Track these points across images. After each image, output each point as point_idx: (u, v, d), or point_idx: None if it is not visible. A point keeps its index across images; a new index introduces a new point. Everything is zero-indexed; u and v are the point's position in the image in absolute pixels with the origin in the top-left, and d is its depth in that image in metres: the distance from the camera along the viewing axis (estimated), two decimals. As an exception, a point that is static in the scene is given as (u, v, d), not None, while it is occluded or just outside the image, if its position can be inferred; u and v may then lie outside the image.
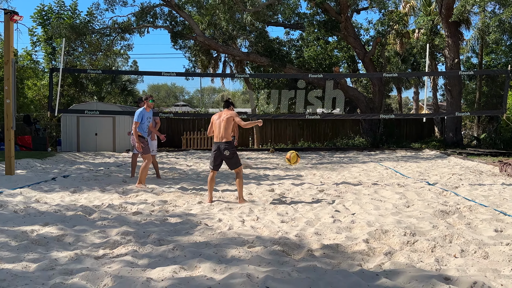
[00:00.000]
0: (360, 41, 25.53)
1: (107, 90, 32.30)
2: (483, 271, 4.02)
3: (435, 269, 4.13)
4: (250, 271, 3.96)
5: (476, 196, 8.10)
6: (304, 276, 3.89)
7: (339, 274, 3.92)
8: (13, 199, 7.61)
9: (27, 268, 4.09)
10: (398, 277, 3.84)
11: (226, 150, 7.55)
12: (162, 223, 6.15)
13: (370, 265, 4.34)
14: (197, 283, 3.71)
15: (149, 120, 9.66)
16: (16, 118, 10.95)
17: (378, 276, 3.86)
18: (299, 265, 4.26)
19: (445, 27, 22.59)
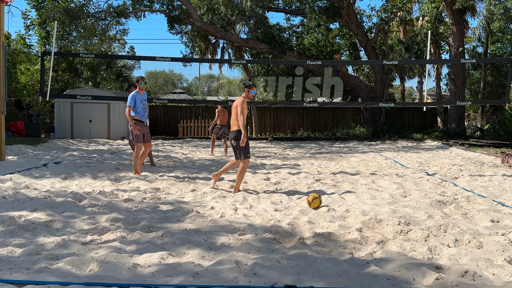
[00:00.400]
0: (362, 28, 25.43)
1: (102, 76, 32.20)
2: (476, 260, 4.05)
3: (427, 258, 4.17)
4: (239, 258, 4.00)
5: (475, 187, 8.12)
6: (294, 264, 3.92)
7: (329, 262, 3.96)
8: (2, 185, 7.63)
9: (13, 253, 4.12)
10: (388, 265, 3.88)
11: (233, 140, 7.53)
12: (153, 211, 6.18)
13: (361, 253, 4.37)
14: (184, 269, 3.75)
15: (144, 103, 9.44)
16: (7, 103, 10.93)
17: (368, 264, 3.90)
18: (289, 252, 4.30)
19: (450, 14, 22.49)
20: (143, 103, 9.40)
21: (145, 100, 9.45)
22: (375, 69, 25.57)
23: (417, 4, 27.46)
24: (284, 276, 3.60)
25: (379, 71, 25.18)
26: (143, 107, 9.40)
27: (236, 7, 24.35)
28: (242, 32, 27.30)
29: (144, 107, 9.42)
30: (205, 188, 7.95)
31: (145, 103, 9.50)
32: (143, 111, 9.39)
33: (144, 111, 9.42)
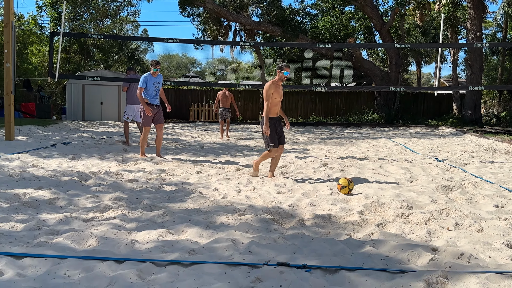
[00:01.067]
0: (377, 11, 25.16)
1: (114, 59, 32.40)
2: (474, 243, 4.08)
3: (424, 240, 4.21)
4: (236, 236, 4.08)
5: (484, 173, 8.09)
6: (290, 243, 3.99)
7: (326, 242, 4.02)
8: (10, 164, 7.79)
9: (14, 228, 4.25)
10: (384, 246, 3.93)
11: (260, 127, 7.38)
12: (157, 191, 6.28)
13: (359, 235, 4.42)
14: (181, 246, 3.84)
15: (156, 86, 9.26)
16: (16, 83, 11.08)
17: (364, 245, 3.96)
18: (287, 233, 4.37)
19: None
20: (155, 86, 9.27)
21: (158, 83, 9.32)
22: (389, 54, 25.34)
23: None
24: (279, 255, 3.67)
25: (394, 55, 24.94)
26: (155, 90, 9.27)
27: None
28: (255, 14, 27.16)
29: (156, 90, 9.30)
30: (210, 170, 8.03)
31: (158, 86, 9.37)
32: (153, 93, 9.26)
33: (155, 94, 9.29)
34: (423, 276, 3.23)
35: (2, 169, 7.23)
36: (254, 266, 3.41)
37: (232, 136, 15.84)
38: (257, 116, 26.81)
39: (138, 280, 3.18)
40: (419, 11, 26.12)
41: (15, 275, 3.15)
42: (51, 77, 11.07)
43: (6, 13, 10.69)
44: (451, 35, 25.46)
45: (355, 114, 26.04)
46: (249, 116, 26.41)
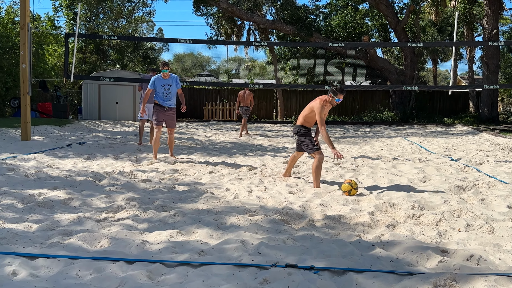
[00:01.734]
0: (392, 9, 24.98)
1: (129, 58, 32.66)
2: (484, 245, 4.06)
3: (435, 242, 4.20)
4: (245, 237, 4.11)
5: (498, 173, 8.01)
6: (299, 244, 4.01)
7: (335, 244, 4.03)
8: (26, 164, 7.93)
9: (29, 228, 4.34)
10: (393, 247, 3.93)
11: (296, 134, 7.08)
12: (169, 191, 6.34)
13: (369, 236, 4.43)
14: (191, 246, 3.89)
15: (167, 88, 9.07)
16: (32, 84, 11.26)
17: (374, 247, 3.96)
18: (296, 234, 4.39)
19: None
20: (165, 88, 9.10)
21: (169, 85, 9.09)
22: (405, 52, 25.15)
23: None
24: (287, 256, 3.70)
25: (409, 53, 24.75)
26: (164, 92, 9.10)
27: (263, -12, 24.24)
28: (268, 13, 27.14)
29: (166, 92, 9.09)
30: (223, 170, 8.08)
31: (169, 88, 9.11)
32: (163, 95, 9.11)
33: (165, 96, 9.12)
34: (431, 279, 3.23)
35: (18, 169, 7.36)
36: (262, 268, 3.44)
37: (244, 135, 15.89)
38: (271, 115, 26.80)
39: (148, 281, 3.23)
40: (434, 8, 25.87)
41: (28, 276, 3.22)
42: (66, 78, 11.22)
43: (23, 15, 10.86)
44: (467, 33, 25.20)
45: (369, 113, 25.89)
46: (263, 115, 26.44)
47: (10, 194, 5.59)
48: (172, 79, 9.17)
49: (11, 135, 12.31)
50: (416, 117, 24.73)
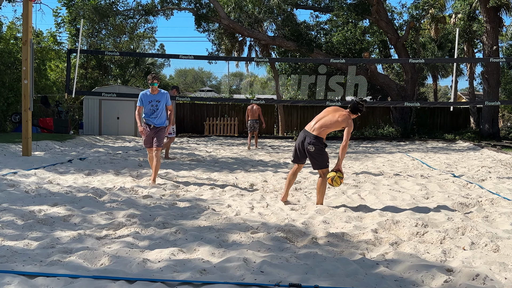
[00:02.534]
0: (392, 25, 25.13)
1: (131, 74, 32.78)
2: (490, 264, 4.00)
3: (439, 260, 4.14)
4: (248, 255, 4.05)
5: (501, 190, 7.96)
6: (302, 263, 3.95)
7: (339, 262, 3.97)
8: (26, 180, 7.89)
9: (29, 246, 4.28)
10: (398, 266, 3.87)
11: (311, 145, 6.34)
12: (170, 207, 6.29)
13: (373, 254, 4.36)
14: (193, 265, 3.83)
15: (154, 105, 8.19)
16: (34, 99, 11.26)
17: (378, 265, 3.90)
18: (299, 252, 4.33)
19: (484, 12, 22.01)
20: (152, 104, 8.22)
21: (156, 101, 8.20)
22: (405, 68, 25.23)
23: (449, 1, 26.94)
24: (291, 275, 3.63)
25: (409, 69, 24.83)
26: (151, 109, 8.23)
27: (264, 5, 24.41)
28: (269, 30, 27.30)
29: (154, 108, 8.21)
30: (224, 186, 8.03)
31: (158, 105, 8.23)
32: (150, 112, 8.23)
33: (151, 113, 8.23)
34: (438, 299, 3.17)
35: (18, 185, 7.32)
36: (265, 287, 3.38)
37: (244, 150, 15.88)
38: (272, 130, 26.79)
39: (149, 300, 3.17)
40: (434, 25, 26.04)
41: (27, 295, 3.16)
42: (68, 94, 11.23)
43: (25, 31, 10.90)
44: (467, 49, 25.30)
45: (370, 128, 25.90)
46: (264, 130, 26.45)
47: (10, 211, 5.54)
48: (161, 95, 8.30)
49: (12, 151, 12.29)
50: (417, 133, 24.73)
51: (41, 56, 23.29)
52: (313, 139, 6.36)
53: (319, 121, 6.46)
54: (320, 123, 6.44)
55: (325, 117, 6.47)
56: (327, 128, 6.42)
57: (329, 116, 6.49)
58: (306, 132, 6.49)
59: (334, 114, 6.49)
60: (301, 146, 6.49)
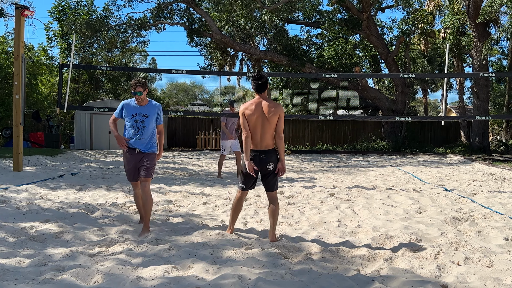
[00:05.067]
0: (383, 40, 25.39)
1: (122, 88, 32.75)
2: (484, 279, 4.00)
3: (434, 276, 4.13)
4: (242, 272, 4.02)
5: (493, 204, 8.00)
6: (297, 279, 3.93)
7: (333, 278, 3.96)
8: (18, 195, 7.81)
9: (20, 263, 4.22)
10: (393, 282, 3.86)
11: (271, 163, 5.23)
12: (163, 223, 6.25)
13: (368, 270, 4.35)
14: (187, 282, 3.79)
15: (140, 121, 5.77)
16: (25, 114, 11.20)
17: (373, 281, 3.89)
18: (294, 268, 4.31)
19: (473, 27, 22.29)
20: (137, 120, 5.80)
21: (143, 116, 5.81)
22: (396, 82, 25.45)
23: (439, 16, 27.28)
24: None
25: (400, 84, 25.04)
26: (136, 126, 5.80)
27: (255, 19, 24.58)
28: (261, 44, 27.51)
29: (139, 125, 5.79)
30: (217, 201, 8.00)
31: (143, 120, 5.81)
32: (133, 131, 5.82)
33: (136, 132, 5.80)
34: (434, 315, 3.16)
35: (9, 201, 7.25)
36: (261, 305, 3.36)
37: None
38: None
39: (143, 319, 3.13)
40: (424, 39, 26.35)
41: (20, 315, 3.11)
42: (60, 108, 11.17)
43: (17, 46, 10.88)
44: (457, 63, 25.57)
45: (362, 142, 26.01)
46: (256, 144, 26.46)
47: (1, 228, 5.48)
48: (151, 108, 5.88)
49: (3, 166, 12.18)
50: (408, 147, 24.85)
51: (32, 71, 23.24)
52: (275, 155, 5.29)
53: (262, 131, 5.17)
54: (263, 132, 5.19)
55: (263, 122, 5.15)
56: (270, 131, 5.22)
57: (263, 119, 5.17)
58: (258, 151, 5.22)
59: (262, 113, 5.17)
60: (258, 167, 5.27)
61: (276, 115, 5.09)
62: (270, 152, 5.18)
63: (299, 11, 26.67)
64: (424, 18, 24.47)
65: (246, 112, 5.15)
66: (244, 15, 23.69)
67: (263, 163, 5.16)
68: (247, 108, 5.17)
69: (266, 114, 5.09)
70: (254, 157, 5.18)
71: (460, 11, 24.61)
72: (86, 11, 28.33)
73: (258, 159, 5.17)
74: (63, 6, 28.51)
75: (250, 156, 5.20)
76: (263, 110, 5.11)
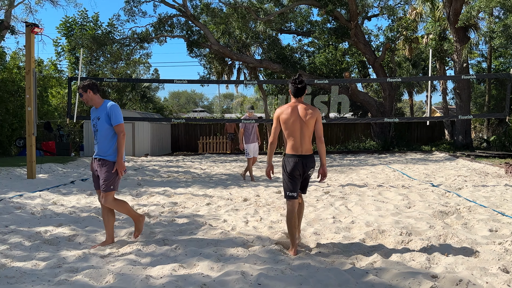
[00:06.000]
0: (370, 47, 25.41)
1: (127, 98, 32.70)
2: (471, 269, 4.00)
3: (424, 267, 4.13)
4: (245, 269, 4.02)
5: (477, 197, 8.01)
6: (297, 274, 3.93)
7: (331, 272, 3.95)
8: (32, 202, 7.79)
9: (36, 266, 4.21)
10: (386, 274, 3.86)
11: (312, 169, 4.90)
12: (169, 224, 6.24)
13: (362, 263, 4.35)
14: (193, 280, 3.78)
15: (95, 124, 5.15)
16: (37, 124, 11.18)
17: (368, 274, 3.89)
18: (293, 263, 4.30)
19: (453, 32, 22.35)
20: (94, 122, 5.17)
21: (97, 119, 5.13)
22: (383, 86, 25.47)
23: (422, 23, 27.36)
24: (286, 286, 3.61)
25: (387, 87, 25.07)
26: (93, 130, 5.20)
27: (251, 30, 24.59)
28: (256, 53, 27.51)
29: (94, 129, 5.17)
30: (219, 202, 7.99)
31: (95, 124, 5.14)
32: (96, 135, 5.15)
33: (95, 135, 5.19)
34: (425, 305, 3.16)
35: (25, 207, 7.23)
36: (263, 299, 3.35)
37: (237, 166, 15.82)
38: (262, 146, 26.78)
39: (153, 316, 3.12)
40: (408, 45, 26.41)
41: (37, 315, 3.10)
42: (70, 119, 11.16)
43: (28, 62, 10.86)
44: (440, 67, 25.65)
45: (353, 142, 26.03)
46: (254, 147, 26.47)
47: (18, 232, 5.47)
48: (102, 109, 5.14)
49: (17, 174, 12.15)
50: (396, 145, 24.86)
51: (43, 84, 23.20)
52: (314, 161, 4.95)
53: (302, 135, 4.84)
54: (308, 134, 4.86)
55: (302, 127, 4.81)
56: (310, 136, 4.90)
57: (302, 122, 4.83)
58: (301, 156, 4.82)
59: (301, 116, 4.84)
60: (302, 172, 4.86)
61: (314, 118, 4.76)
62: (311, 157, 4.82)
63: (291, 21, 26.74)
64: (407, 26, 24.53)
65: (282, 116, 4.81)
66: (240, 27, 23.72)
67: (306, 168, 4.77)
68: (283, 112, 4.84)
69: (303, 117, 4.75)
70: (296, 162, 4.74)
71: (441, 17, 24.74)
72: (92, 26, 28.31)
73: (300, 164, 4.74)
74: (70, 22, 28.52)
75: (291, 160, 4.78)
76: (299, 113, 4.78)
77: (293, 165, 4.72)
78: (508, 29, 16.12)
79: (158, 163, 17.30)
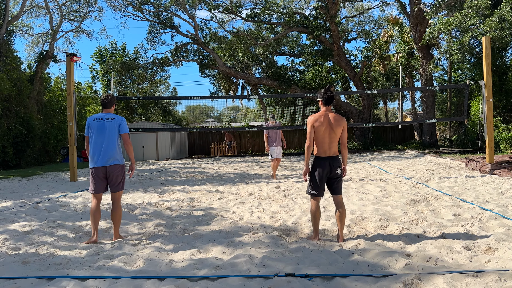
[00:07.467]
0: (350, 64, 25.41)
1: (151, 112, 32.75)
2: (439, 248, 3.98)
3: (400, 247, 4.11)
4: (251, 252, 4.01)
5: (442, 187, 7.98)
6: (294, 256, 3.91)
7: (322, 253, 3.94)
8: (74, 200, 7.80)
9: (79, 254, 4.21)
10: (368, 254, 3.84)
11: (339, 168, 4.65)
12: (188, 216, 6.23)
13: (348, 245, 4.33)
14: (209, 262, 3.78)
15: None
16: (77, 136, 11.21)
17: (353, 254, 3.87)
18: (291, 246, 4.29)
19: (419, 50, 22.30)
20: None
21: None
22: (362, 96, 25.46)
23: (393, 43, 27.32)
24: (286, 266, 3.60)
25: (365, 97, 25.06)
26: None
27: (251, 54, 24.64)
28: (257, 72, 27.57)
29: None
30: (229, 196, 7.98)
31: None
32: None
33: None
34: (401, 278, 3.15)
35: (68, 205, 7.23)
36: (266, 278, 3.34)
37: (243, 166, 15.80)
38: (263, 149, 26.78)
39: (176, 293, 3.11)
40: (382, 62, 26.36)
41: (81, 295, 3.10)
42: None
43: (69, 85, 10.90)
44: (409, 79, 25.59)
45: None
46: (257, 150, 26.44)
47: (63, 226, 5.47)
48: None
49: (62, 177, 12.17)
50: (374, 146, 24.79)
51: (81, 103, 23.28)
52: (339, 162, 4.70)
53: (330, 139, 4.60)
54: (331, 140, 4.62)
55: (331, 132, 4.58)
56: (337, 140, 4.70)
57: (331, 128, 4.59)
58: (328, 158, 4.60)
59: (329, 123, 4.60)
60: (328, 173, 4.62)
61: (341, 127, 4.56)
62: (336, 158, 4.61)
63: (285, 45, 26.79)
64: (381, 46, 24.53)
65: (316, 124, 4.54)
66: (242, 51, 23.76)
67: (334, 168, 4.55)
68: (316, 120, 4.55)
69: (333, 126, 4.53)
70: (324, 164, 4.54)
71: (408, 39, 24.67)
72: (121, 54, 28.42)
73: (329, 165, 4.54)
74: (103, 51, 28.65)
75: (320, 163, 4.57)
76: (330, 121, 4.54)
77: (322, 166, 4.55)
78: (464, 47, 16.07)
79: (178, 165, 17.30)
